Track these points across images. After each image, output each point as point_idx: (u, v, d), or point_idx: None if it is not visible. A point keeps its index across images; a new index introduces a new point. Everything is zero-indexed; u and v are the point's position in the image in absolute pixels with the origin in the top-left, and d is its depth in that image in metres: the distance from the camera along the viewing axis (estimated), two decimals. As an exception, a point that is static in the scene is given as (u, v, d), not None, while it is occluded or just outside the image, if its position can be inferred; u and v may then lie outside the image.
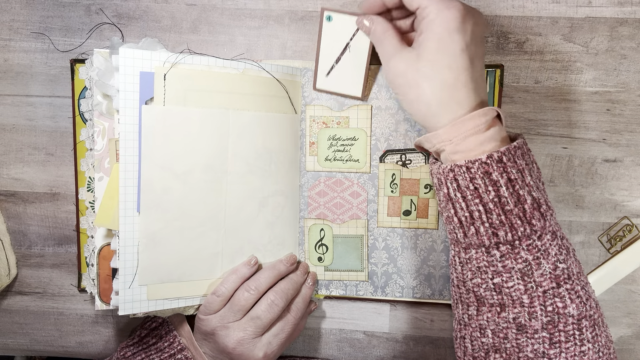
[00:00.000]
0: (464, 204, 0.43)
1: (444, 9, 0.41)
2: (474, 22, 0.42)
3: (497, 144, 0.42)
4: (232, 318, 0.52)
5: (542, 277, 0.41)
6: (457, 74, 0.42)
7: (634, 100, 0.55)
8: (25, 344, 0.64)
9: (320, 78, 0.54)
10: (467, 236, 0.43)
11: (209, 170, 0.52)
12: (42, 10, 0.58)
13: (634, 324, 0.58)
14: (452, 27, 0.41)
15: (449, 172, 0.43)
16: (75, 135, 0.58)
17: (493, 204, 0.41)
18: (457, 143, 0.43)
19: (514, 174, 0.41)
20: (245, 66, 0.53)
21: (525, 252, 0.41)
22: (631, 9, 0.54)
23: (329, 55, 0.53)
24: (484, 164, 0.41)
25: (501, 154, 0.41)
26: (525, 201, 0.41)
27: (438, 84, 0.42)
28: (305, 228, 0.58)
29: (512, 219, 0.41)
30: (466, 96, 0.42)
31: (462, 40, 0.42)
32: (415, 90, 0.43)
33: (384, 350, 0.61)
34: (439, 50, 0.42)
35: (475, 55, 0.43)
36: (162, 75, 0.49)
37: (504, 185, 0.41)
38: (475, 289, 0.44)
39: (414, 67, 0.43)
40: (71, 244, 0.61)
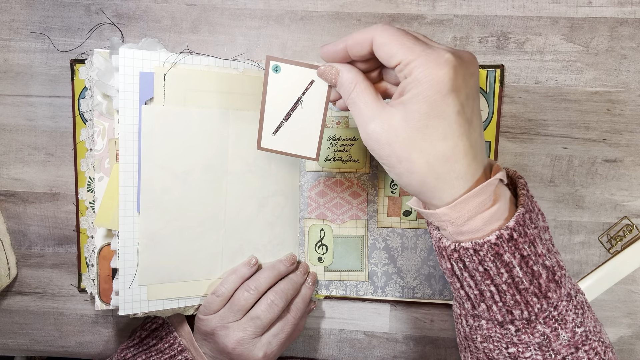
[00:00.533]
0: (473, 283, 0.38)
1: (433, 66, 0.34)
2: (469, 74, 0.35)
3: (507, 214, 0.37)
4: (231, 318, 0.52)
5: (560, 346, 0.38)
6: (454, 142, 0.35)
7: (634, 100, 0.55)
8: (25, 344, 0.64)
9: (265, 136, 0.46)
10: (477, 310, 0.39)
11: (209, 170, 0.52)
12: (42, 10, 0.58)
13: (634, 324, 0.58)
14: (446, 89, 0.34)
15: (452, 251, 0.38)
16: (75, 135, 0.58)
17: (507, 285, 0.37)
18: (461, 224, 0.37)
19: (527, 249, 0.36)
20: (245, 66, 0.53)
21: (543, 326, 0.38)
22: (631, 9, 0.54)
23: (276, 111, 0.45)
24: (494, 245, 0.36)
25: (511, 231, 0.35)
26: (540, 276, 0.37)
27: (433, 157, 0.35)
28: (305, 228, 0.58)
29: (528, 297, 0.37)
30: (467, 168, 0.36)
31: (457, 103, 0.34)
32: (405, 164, 0.36)
33: (384, 350, 0.61)
34: (430, 117, 0.34)
35: (473, 113, 0.36)
36: (161, 75, 0.49)
37: (518, 266, 0.36)
38: (487, 351, 0.41)
39: (400, 136, 0.35)
40: (71, 244, 0.61)
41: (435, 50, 0.34)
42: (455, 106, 0.34)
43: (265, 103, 0.44)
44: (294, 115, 0.45)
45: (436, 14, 0.56)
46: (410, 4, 0.56)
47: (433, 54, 0.34)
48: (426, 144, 0.35)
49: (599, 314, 0.58)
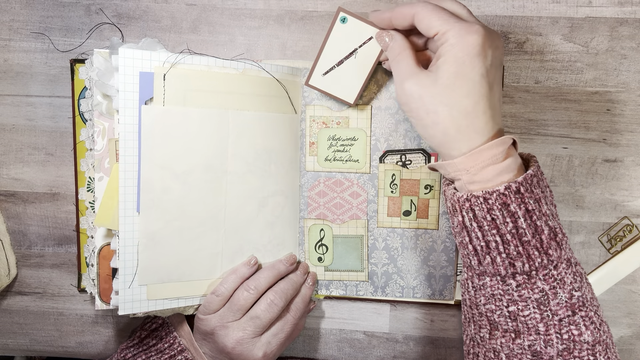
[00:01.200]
0: (480, 234, 0.42)
1: (465, 34, 0.39)
2: (494, 46, 0.41)
3: (514, 173, 0.41)
4: (231, 318, 0.52)
5: (558, 306, 0.41)
6: (476, 100, 0.40)
7: (634, 100, 0.55)
8: (25, 344, 0.64)
9: (316, 75, 0.52)
10: (482, 264, 0.43)
11: (209, 170, 0.52)
12: (42, 10, 0.58)
13: (634, 324, 0.58)
14: (474, 52, 0.39)
15: (465, 201, 0.41)
16: (75, 135, 0.58)
17: (511, 235, 0.40)
18: (474, 173, 0.41)
19: (532, 204, 0.40)
20: (245, 66, 0.53)
21: (542, 282, 0.41)
22: (631, 9, 0.54)
23: (332, 55, 0.51)
24: (502, 195, 0.40)
25: (519, 185, 0.40)
26: (542, 231, 0.40)
27: (456, 110, 0.40)
28: (305, 228, 0.58)
29: (530, 250, 0.40)
30: (485, 124, 0.41)
31: (482, 66, 0.40)
32: (432, 116, 0.41)
33: (384, 350, 0.61)
34: (458, 76, 0.40)
35: (494, 80, 0.41)
36: (161, 75, 0.49)
37: (522, 217, 0.40)
38: (489, 314, 0.44)
39: (430, 91, 0.41)
40: (71, 244, 0.61)
41: (467, 22, 0.40)
42: (481, 69, 0.40)
43: (324, 46, 0.50)
44: (346, 62, 0.51)
45: (436, 14, 0.56)
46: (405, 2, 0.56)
47: (466, 24, 0.40)
48: (452, 99, 0.40)
49: (599, 314, 0.58)
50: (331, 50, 0.51)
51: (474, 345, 0.47)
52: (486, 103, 0.40)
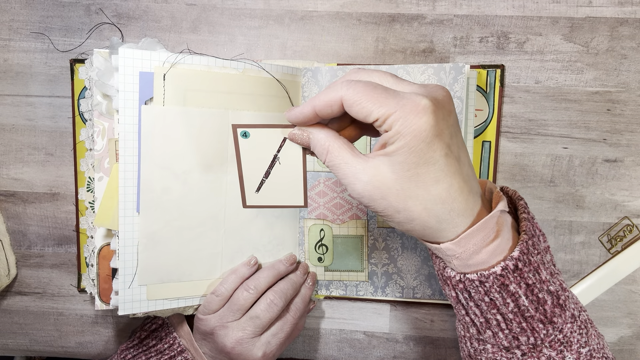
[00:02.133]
0: (478, 312, 0.38)
1: (413, 118, 0.33)
2: (447, 112, 0.35)
3: (511, 244, 0.37)
4: (231, 318, 0.52)
5: None
6: (448, 183, 0.35)
7: (634, 100, 0.55)
8: (25, 344, 0.64)
9: (249, 195, 0.46)
10: (482, 335, 0.39)
11: (209, 170, 0.52)
12: (42, 10, 0.58)
13: (634, 324, 0.58)
14: (430, 136, 0.33)
15: (458, 282, 0.38)
16: (75, 135, 0.58)
17: (513, 314, 0.37)
18: (466, 259, 0.37)
19: (531, 277, 0.36)
20: (245, 66, 0.53)
21: (549, 350, 0.38)
22: (631, 9, 0.54)
23: (255, 170, 0.44)
24: (500, 276, 0.36)
25: (516, 261, 0.35)
26: (545, 302, 0.37)
27: (430, 201, 0.35)
28: (305, 228, 0.58)
29: (534, 324, 0.37)
30: (466, 203, 0.36)
31: (443, 145, 0.34)
32: (404, 213, 0.36)
33: (384, 350, 0.61)
34: (419, 164, 0.34)
35: (459, 149, 0.36)
36: (161, 75, 0.49)
37: (524, 295, 0.36)
38: None
39: (393, 188, 0.35)
40: (71, 244, 0.61)
41: (409, 99, 0.34)
42: (442, 149, 0.34)
43: (241, 166, 0.44)
44: (273, 171, 0.44)
45: (436, 14, 0.56)
46: (410, 3, 0.56)
47: (408, 104, 0.34)
48: (420, 190, 0.35)
49: (599, 314, 0.58)
50: (251, 167, 0.44)
51: None
52: (459, 180, 0.35)
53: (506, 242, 0.37)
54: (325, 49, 0.57)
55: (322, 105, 0.36)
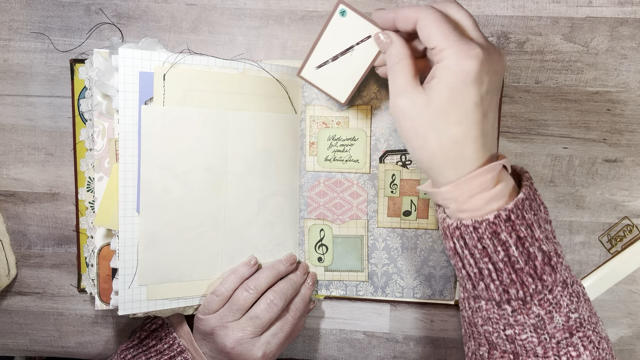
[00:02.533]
0: (472, 261, 0.41)
1: (462, 58, 0.37)
2: (493, 71, 0.39)
3: (505, 199, 0.40)
4: (231, 318, 0.52)
5: (555, 330, 0.40)
6: (467, 129, 0.38)
7: (634, 100, 0.55)
8: (25, 344, 0.64)
9: (308, 67, 0.49)
10: (477, 289, 0.42)
11: (209, 170, 0.52)
12: (42, 10, 0.58)
13: (634, 324, 0.58)
14: (469, 80, 0.37)
15: (455, 229, 0.40)
16: (75, 135, 0.58)
17: (503, 264, 0.39)
18: (463, 202, 0.40)
19: (523, 231, 0.39)
20: (245, 66, 0.53)
21: (538, 307, 0.40)
22: (631, 9, 0.54)
23: (327, 49, 0.48)
24: (492, 224, 0.38)
25: (509, 212, 0.38)
26: (535, 258, 0.39)
27: (445, 138, 0.39)
28: (305, 228, 0.58)
29: (523, 277, 0.39)
30: (474, 153, 0.39)
31: (477, 94, 0.38)
32: (421, 139, 0.40)
33: (384, 350, 0.61)
34: (450, 103, 0.38)
35: (490, 107, 0.39)
36: (161, 75, 0.49)
37: (514, 245, 0.39)
38: (487, 335, 0.43)
39: (422, 113, 0.39)
40: (71, 244, 0.61)
41: (468, 42, 0.38)
42: (475, 97, 0.38)
43: (320, 38, 0.48)
44: (341, 59, 0.48)
45: (436, 14, 0.56)
46: (410, 4, 0.56)
47: (465, 45, 0.37)
48: (442, 125, 0.39)
49: (599, 314, 0.58)
50: (327, 44, 0.48)
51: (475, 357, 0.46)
52: (477, 131, 0.39)
53: (502, 195, 0.39)
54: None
55: (402, 16, 0.41)
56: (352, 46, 0.47)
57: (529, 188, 0.40)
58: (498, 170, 0.39)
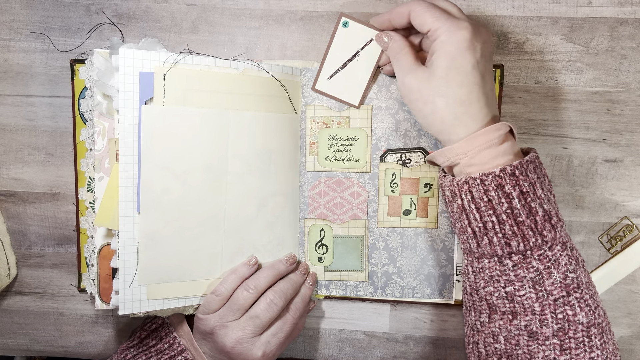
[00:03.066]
0: (478, 215, 0.44)
1: (455, 30, 0.43)
2: (483, 40, 0.44)
3: (511, 157, 0.44)
4: (231, 317, 0.52)
5: (552, 286, 0.43)
6: (469, 89, 0.44)
7: (634, 100, 0.55)
8: (25, 344, 0.64)
9: (321, 79, 0.55)
10: (481, 246, 0.45)
11: (209, 170, 0.52)
12: (42, 10, 0.58)
13: (634, 324, 0.58)
14: (463, 46, 0.43)
15: (463, 184, 0.44)
16: (75, 135, 0.58)
17: (506, 215, 0.43)
18: (472, 156, 0.44)
19: (526, 187, 0.43)
20: (245, 66, 0.53)
21: (537, 262, 0.43)
22: (631, 9, 0.54)
23: (336, 59, 0.54)
24: (498, 176, 0.42)
25: (514, 168, 0.42)
26: (536, 213, 0.43)
27: (452, 100, 0.44)
28: (305, 228, 0.58)
29: (524, 229, 0.43)
30: (479, 111, 0.44)
31: (472, 58, 0.43)
32: (430, 106, 0.45)
33: (384, 350, 0.61)
34: (451, 68, 0.44)
35: (485, 70, 0.45)
36: (161, 75, 0.49)
37: (517, 198, 0.42)
38: (488, 297, 0.46)
39: (427, 84, 0.45)
40: (71, 244, 0.61)
41: (457, 19, 0.44)
42: (471, 60, 0.43)
43: (329, 50, 0.53)
44: (349, 65, 0.54)
45: (436, 14, 0.56)
46: (410, 4, 0.56)
47: (455, 21, 0.44)
48: (447, 89, 0.44)
49: (599, 314, 0.58)
50: (335, 54, 0.54)
51: (474, 334, 0.48)
52: (479, 91, 0.44)
53: (508, 154, 0.44)
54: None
55: (395, 14, 0.48)
56: (357, 52, 0.53)
57: (535, 157, 0.45)
58: (505, 131, 0.44)
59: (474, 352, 0.48)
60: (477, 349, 0.48)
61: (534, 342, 0.43)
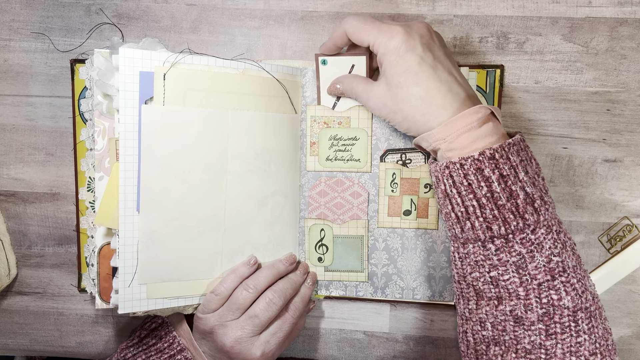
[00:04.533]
0: (460, 200, 0.44)
1: (388, 40, 0.45)
2: (419, 34, 0.46)
3: (492, 140, 0.44)
4: (230, 317, 0.52)
5: (536, 270, 0.43)
6: (424, 85, 0.45)
7: (634, 100, 0.55)
8: (25, 344, 0.64)
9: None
10: (464, 231, 0.45)
11: (209, 170, 0.52)
12: (42, 10, 0.58)
13: (634, 324, 0.58)
14: (402, 51, 0.45)
15: (444, 168, 0.45)
16: (75, 135, 0.58)
17: (486, 199, 0.43)
18: (451, 141, 0.45)
19: (506, 170, 0.43)
20: (245, 66, 0.53)
21: (519, 246, 0.43)
22: (631, 9, 0.54)
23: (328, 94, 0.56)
24: (476, 160, 0.43)
25: (493, 151, 0.43)
26: (517, 196, 0.42)
27: (413, 100, 0.46)
28: (305, 228, 0.58)
29: (505, 213, 0.43)
30: (443, 98, 0.45)
31: (414, 56, 0.45)
32: (399, 113, 0.47)
33: (384, 350, 0.61)
34: (400, 74, 0.46)
35: (435, 60, 0.46)
36: (161, 75, 0.49)
37: (496, 181, 0.43)
38: (475, 283, 0.46)
39: (389, 95, 0.47)
40: (71, 244, 0.61)
41: (387, 28, 0.46)
42: (414, 59, 0.45)
43: (320, 90, 0.56)
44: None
45: (436, 14, 0.56)
46: (410, 4, 0.56)
47: (388, 31, 0.46)
48: (405, 93, 0.46)
49: (599, 314, 0.58)
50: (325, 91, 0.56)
51: (463, 322, 0.48)
52: (435, 82, 0.45)
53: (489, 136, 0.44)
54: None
55: (335, 38, 0.50)
56: None
57: (519, 139, 0.45)
58: (485, 113, 0.44)
59: (463, 341, 0.48)
60: (466, 338, 0.48)
61: (519, 327, 0.43)
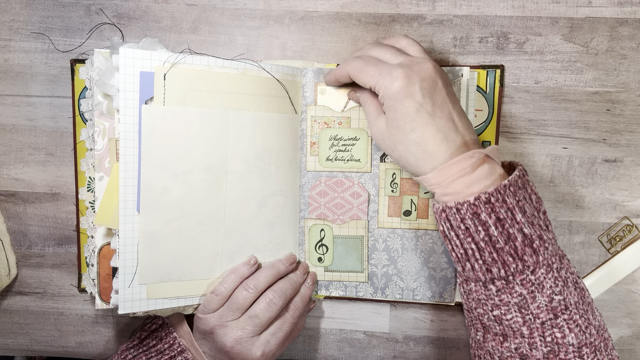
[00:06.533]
0: (458, 242, 0.45)
1: (388, 85, 0.45)
2: (420, 78, 0.45)
3: (487, 183, 0.43)
4: (230, 317, 0.52)
5: (538, 310, 0.43)
6: (420, 131, 0.45)
7: (634, 100, 0.55)
8: (25, 344, 0.64)
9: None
10: (465, 271, 0.46)
11: (209, 170, 0.52)
12: (42, 10, 0.58)
13: (634, 324, 0.58)
14: (400, 96, 0.45)
15: (441, 212, 0.45)
16: (76, 135, 0.58)
17: (484, 243, 0.43)
18: (446, 186, 0.45)
19: (503, 213, 0.42)
20: (245, 66, 0.53)
21: (520, 287, 0.43)
22: (631, 9, 0.54)
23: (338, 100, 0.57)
24: (472, 205, 0.42)
25: (489, 195, 0.42)
26: (515, 239, 0.42)
27: (409, 144, 0.46)
28: (305, 228, 0.58)
29: (504, 256, 0.43)
30: (437, 146, 0.45)
31: (412, 104, 0.45)
32: (395, 152, 0.48)
33: (384, 350, 0.61)
34: (398, 118, 0.45)
35: (434, 106, 0.45)
36: (162, 75, 0.49)
37: (493, 225, 0.42)
38: (480, 318, 0.46)
39: (387, 133, 0.48)
40: (71, 244, 0.61)
41: (388, 71, 0.46)
42: (413, 106, 0.45)
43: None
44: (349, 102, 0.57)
45: (436, 14, 0.56)
46: (410, 4, 0.56)
47: (388, 75, 0.45)
48: (401, 136, 0.46)
49: (599, 314, 0.58)
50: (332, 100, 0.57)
51: (476, 347, 0.48)
52: (431, 130, 0.45)
53: (484, 180, 0.44)
54: (325, 49, 0.57)
55: (338, 75, 0.52)
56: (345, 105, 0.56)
57: (517, 177, 0.44)
58: (478, 158, 0.44)
59: None
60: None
61: None
